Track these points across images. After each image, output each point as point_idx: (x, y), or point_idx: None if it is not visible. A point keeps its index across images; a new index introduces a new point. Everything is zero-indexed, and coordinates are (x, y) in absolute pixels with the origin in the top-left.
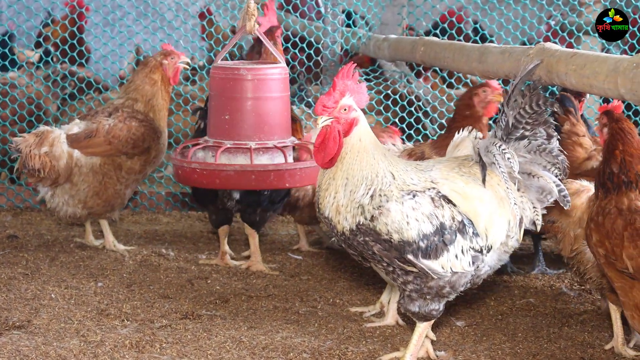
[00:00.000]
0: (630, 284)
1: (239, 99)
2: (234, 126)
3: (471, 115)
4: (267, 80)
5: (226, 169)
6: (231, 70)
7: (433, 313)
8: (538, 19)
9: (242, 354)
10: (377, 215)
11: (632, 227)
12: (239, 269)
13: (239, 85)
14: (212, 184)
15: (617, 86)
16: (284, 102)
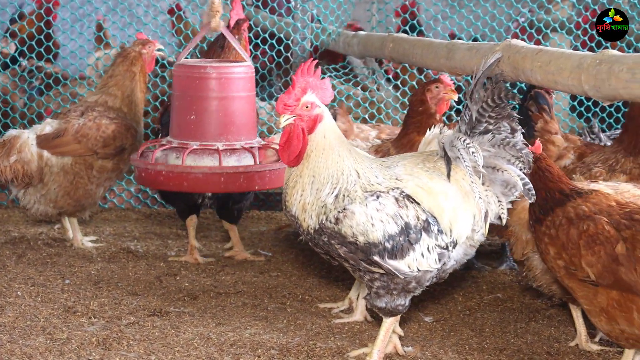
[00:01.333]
0: (593, 291)
1: (205, 99)
2: (199, 127)
3: (424, 111)
4: (234, 79)
5: (194, 172)
6: (197, 69)
7: (399, 308)
8: (507, 16)
9: (210, 351)
10: (342, 218)
11: (586, 234)
12: (209, 265)
13: (205, 84)
14: (179, 187)
15: (580, 82)
16: (251, 102)
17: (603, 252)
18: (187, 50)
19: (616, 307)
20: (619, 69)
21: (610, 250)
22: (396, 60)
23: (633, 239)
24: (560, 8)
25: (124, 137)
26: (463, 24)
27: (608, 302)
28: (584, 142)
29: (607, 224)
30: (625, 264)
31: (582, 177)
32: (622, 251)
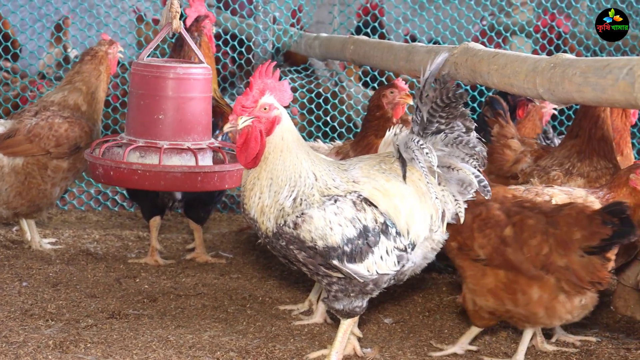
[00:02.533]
0: (482, 271)
1: (175, 99)
2: (168, 126)
3: (382, 116)
4: (202, 80)
5: (173, 171)
6: (167, 69)
7: (357, 310)
8: (467, 19)
9: (169, 353)
10: (300, 222)
11: (479, 218)
12: (169, 267)
13: (185, 84)
14: (156, 186)
15: (535, 86)
16: (209, 103)
17: (493, 234)
18: (149, 49)
19: (502, 288)
20: (572, 73)
21: (499, 232)
22: (357, 63)
23: (521, 223)
24: (520, 12)
25: (78, 136)
26: (424, 26)
27: (495, 284)
28: (540, 145)
29: (498, 209)
30: (513, 245)
31: (539, 180)
32: (510, 234)
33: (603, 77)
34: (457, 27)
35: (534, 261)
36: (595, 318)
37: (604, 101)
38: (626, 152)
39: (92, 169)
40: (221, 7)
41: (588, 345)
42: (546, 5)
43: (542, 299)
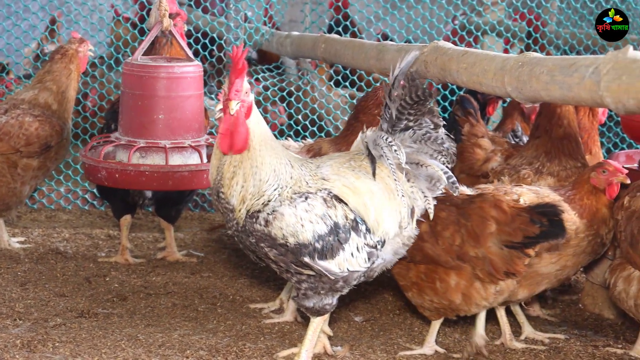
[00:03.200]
0: (406, 267)
1: (175, 98)
2: (168, 125)
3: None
4: (199, 78)
5: (181, 170)
6: (165, 69)
7: (327, 307)
8: (439, 18)
9: (138, 352)
10: (272, 220)
11: None
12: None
13: (179, 83)
14: (164, 186)
15: (504, 84)
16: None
17: None
18: (142, 49)
19: (424, 279)
20: (540, 71)
21: None
22: (328, 61)
23: (434, 217)
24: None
25: (49, 135)
26: (395, 25)
27: (417, 276)
28: (511, 144)
29: None
30: (429, 240)
31: (509, 178)
32: (426, 229)
33: (570, 76)
34: (428, 26)
35: (450, 252)
36: (564, 315)
37: (570, 99)
38: (595, 150)
39: (92, 172)
40: (192, 4)
41: (556, 342)
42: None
43: (459, 286)
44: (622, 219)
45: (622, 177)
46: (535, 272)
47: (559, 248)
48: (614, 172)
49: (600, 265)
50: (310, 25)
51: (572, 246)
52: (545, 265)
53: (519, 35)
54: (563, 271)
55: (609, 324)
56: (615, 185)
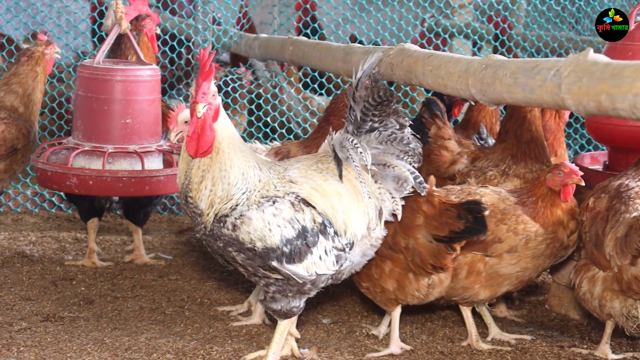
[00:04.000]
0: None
1: (141, 102)
2: (135, 130)
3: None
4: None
5: (158, 175)
6: (132, 72)
7: (294, 310)
8: (406, 20)
9: (104, 356)
10: (239, 224)
11: None
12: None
13: (144, 86)
14: (140, 192)
15: (468, 86)
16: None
17: None
18: (103, 52)
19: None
20: (503, 74)
21: None
22: (296, 64)
23: None
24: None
25: (15, 138)
26: (363, 27)
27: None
28: (477, 146)
29: None
30: None
31: (476, 180)
32: None
33: (532, 78)
34: (396, 29)
35: (384, 241)
36: (530, 316)
37: (532, 102)
38: (560, 152)
39: (60, 180)
40: (160, 6)
41: (523, 343)
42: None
43: (393, 273)
44: (586, 220)
45: (576, 179)
46: (495, 273)
47: (518, 250)
48: (569, 174)
49: (566, 266)
50: (278, 28)
51: (531, 248)
52: (505, 267)
53: (487, 37)
54: (524, 273)
55: (575, 325)
56: (570, 187)
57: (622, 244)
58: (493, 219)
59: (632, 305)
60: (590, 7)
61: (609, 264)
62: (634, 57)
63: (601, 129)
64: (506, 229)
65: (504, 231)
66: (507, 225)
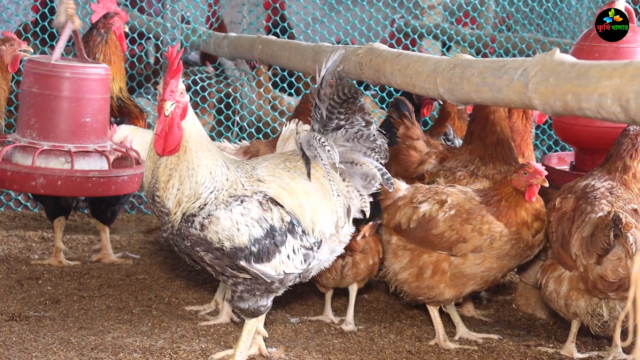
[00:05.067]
0: None
1: (98, 100)
2: (94, 128)
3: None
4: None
5: (123, 174)
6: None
7: (261, 309)
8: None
9: (70, 355)
10: (207, 224)
11: None
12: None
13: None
14: (107, 192)
15: (436, 86)
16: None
17: None
18: (60, 49)
19: None
20: (471, 73)
21: None
22: (265, 62)
23: None
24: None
25: None
26: (333, 27)
27: None
28: (445, 146)
29: None
30: None
31: (445, 180)
32: None
33: (499, 78)
34: (366, 29)
35: None
36: (497, 316)
37: (500, 101)
38: (527, 153)
39: (25, 180)
40: (128, 4)
41: (490, 342)
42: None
43: None
44: (553, 220)
45: (540, 179)
46: (460, 272)
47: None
48: (533, 174)
49: (533, 266)
50: (247, 27)
51: (495, 248)
52: (470, 266)
53: (455, 38)
54: (489, 273)
55: (541, 324)
56: (534, 187)
57: (588, 244)
58: (458, 219)
59: (597, 304)
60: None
61: (575, 264)
62: (600, 58)
63: (568, 130)
64: (471, 229)
65: (469, 231)
66: (472, 225)
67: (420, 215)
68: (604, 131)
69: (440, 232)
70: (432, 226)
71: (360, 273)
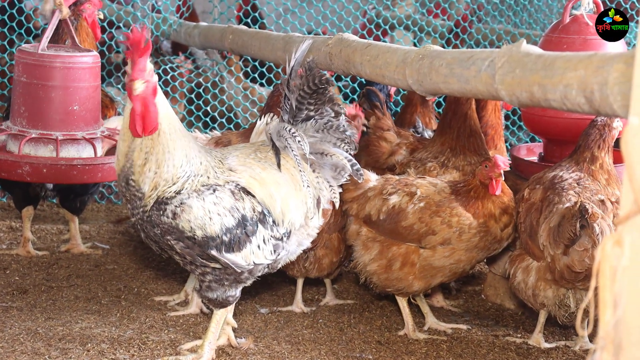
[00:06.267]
0: None
1: (87, 88)
2: (82, 116)
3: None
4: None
5: (110, 162)
6: (77, 58)
7: (230, 299)
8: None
9: (37, 346)
10: (180, 212)
11: None
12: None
13: (90, 73)
14: (93, 179)
15: (405, 77)
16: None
17: None
18: (46, 38)
19: None
20: (439, 64)
21: None
22: (236, 52)
23: None
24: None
25: None
26: (304, 17)
27: None
28: (416, 137)
29: None
30: None
31: (415, 171)
32: None
33: (467, 69)
34: (337, 20)
35: None
36: (467, 306)
37: (468, 92)
38: (500, 145)
39: (12, 168)
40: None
41: (459, 332)
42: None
43: None
44: (522, 210)
45: (497, 172)
46: (429, 264)
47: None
48: (492, 167)
49: (502, 256)
50: (219, 16)
51: (464, 241)
52: (439, 259)
53: (426, 29)
54: (457, 265)
55: (510, 314)
56: (495, 180)
57: (555, 234)
58: (428, 211)
59: (565, 295)
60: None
61: (543, 254)
62: (568, 49)
63: (537, 121)
64: (440, 221)
65: (438, 223)
66: (441, 217)
67: (390, 206)
68: (572, 122)
69: (410, 224)
70: (402, 218)
71: (324, 268)
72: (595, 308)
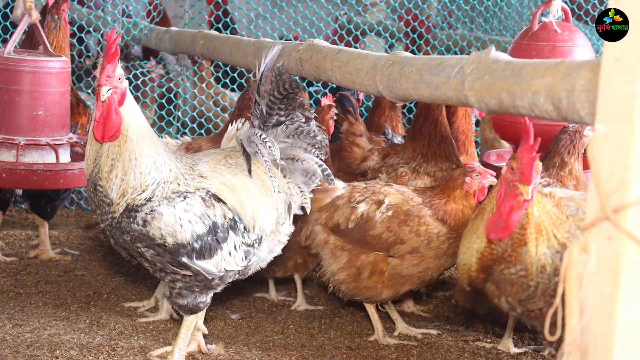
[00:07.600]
0: None
1: (53, 94)
2: (47, 122)
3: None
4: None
5: (72, 168)
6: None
7: (200, 306)
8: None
9: (4, 353)
10: (150, 220)
11: None
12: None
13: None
14: (55, 185)
15: (376, 83)
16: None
17: None
18: (13, 42)
19: None
20: (409, 70)
21: None
22: (207, 58)
23: None
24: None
25: None
26: (275, 23)
27: None
28: (388, 143)
29: None
30: None
31: (387, 176)
32: None
33: (437, 75)
34: (308, 25)
35: None
36: (437, 311)
37: (437, 98)
38: (471, 151)
39: None
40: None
41: (429, 338)
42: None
43: None
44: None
45: (491, 179)
46: (397, 273)
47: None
48: (484, 175)
49: None
50: (190, 21)
51: (433, 249)
52: (407, 267)
53: (397, 35)
54: (426, 273)
55: (480, 319)
56: (485, 187)
57: None
58: (396, 220)
59: None
60: (498, 7)
61: None
62: (537, 56)
63: (507, 127)
64: (408, 230)
65: (407, 232)
66: (410, 226)
67: (359, 215)
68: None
69: (378, 233)
70: (370, 227)
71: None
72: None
